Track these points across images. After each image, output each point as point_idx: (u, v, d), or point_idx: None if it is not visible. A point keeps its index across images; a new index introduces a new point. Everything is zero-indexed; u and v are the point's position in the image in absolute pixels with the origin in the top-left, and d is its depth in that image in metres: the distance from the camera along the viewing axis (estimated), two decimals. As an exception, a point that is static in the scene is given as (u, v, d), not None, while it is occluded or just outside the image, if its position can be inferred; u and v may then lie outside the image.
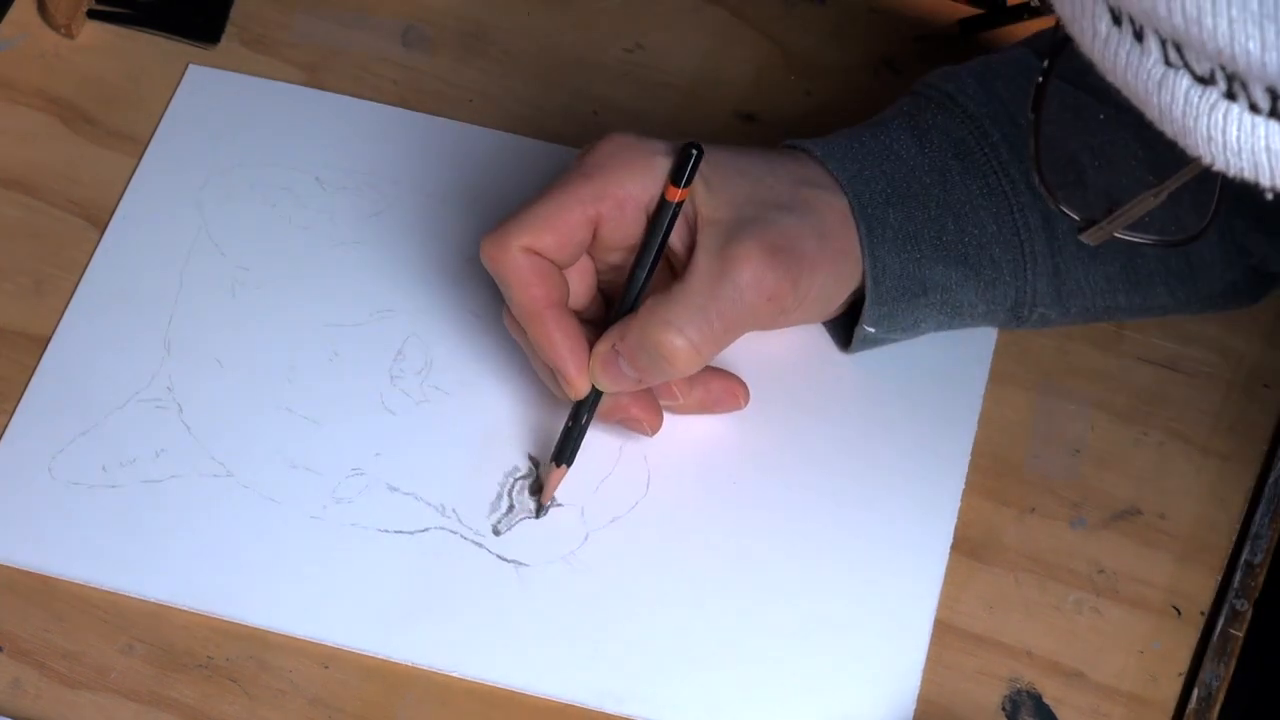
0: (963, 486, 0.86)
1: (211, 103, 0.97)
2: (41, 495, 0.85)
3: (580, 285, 0.84)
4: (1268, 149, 0.46)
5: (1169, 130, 0.48)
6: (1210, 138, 0.47)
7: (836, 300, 0.84)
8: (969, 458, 0.87)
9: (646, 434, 0.84)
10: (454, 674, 0.81)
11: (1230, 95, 0.46)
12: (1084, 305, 0.85)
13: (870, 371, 0.89)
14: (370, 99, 0.97)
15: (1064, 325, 0.88)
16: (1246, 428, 0.88)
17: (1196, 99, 0.46)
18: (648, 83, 0.98)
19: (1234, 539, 0.85)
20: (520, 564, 0.84)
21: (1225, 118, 0.46)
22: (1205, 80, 0.46)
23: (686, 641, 0.82)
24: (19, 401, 0.88)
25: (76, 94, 0.98)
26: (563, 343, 0.81)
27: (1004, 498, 0.86)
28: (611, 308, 0.83)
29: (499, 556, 0.84)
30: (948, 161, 0.83)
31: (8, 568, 0.84)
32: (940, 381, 0.88)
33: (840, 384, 0.88)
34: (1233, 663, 0.82)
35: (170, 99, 0.97)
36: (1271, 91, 0.45)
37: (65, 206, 0.94)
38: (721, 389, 0.86)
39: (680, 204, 0.80)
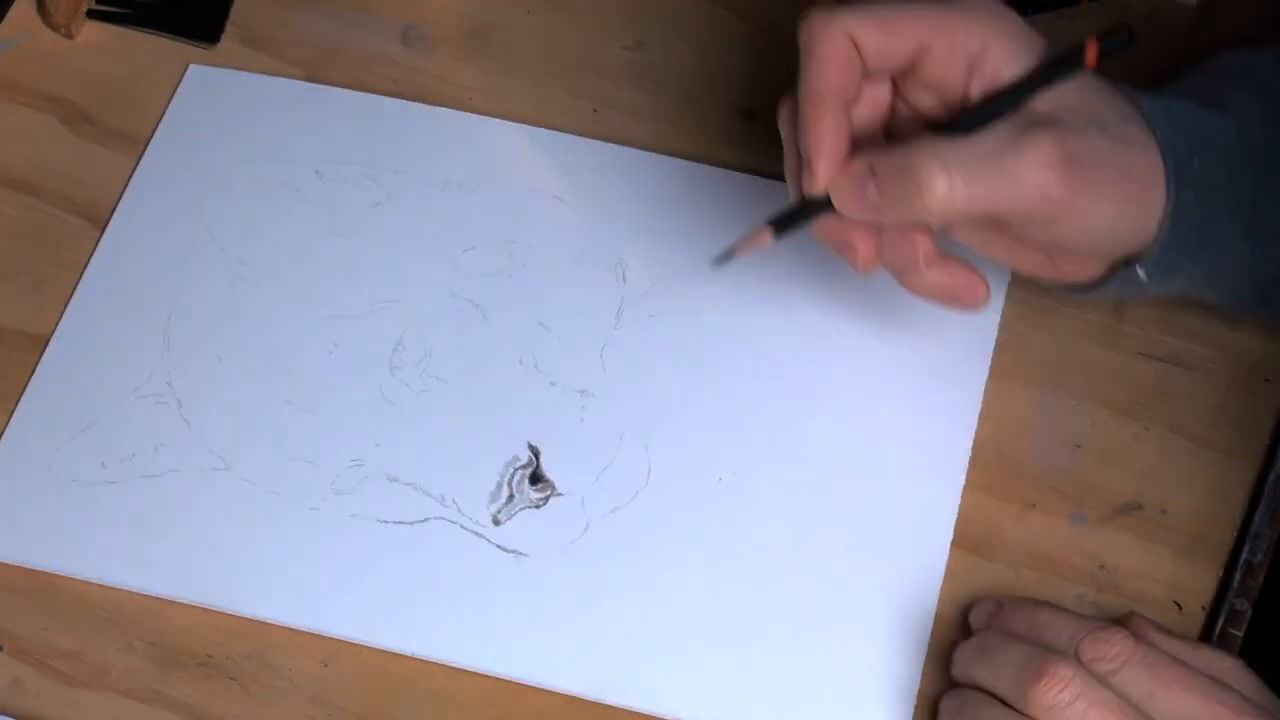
0: (963, 482, 0.86)
1: (211, 102, 0.97)
2: (42, 493, 0.85)
3: (868, 116, 0.81)
4: None
5: None
6: None
7: (1113, 244, 0.80)
8: (969, 453, 0.86)
9: (856, 269, 0.80)
10: (454, 665, 0.81)
11: None
12: None
13: (871, 367, 0.89)
14: (370, 98, 0.98)
15: None
16: (1247, 422, 0.87)
17: None
18: (648, 80, 0.98)
19: (1235, 534, 0.85)
20: (520, 554, 0.84)
21: None
22: None
23: (686, 634, 0.82)
24: (19, 400, 0.88)
25: (76, 94, 0.98)
26: (829, 133, 0.78)
27: (1005, 493, 0.86)
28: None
29: (499, 547, 0.84)
30: (1251, 124, 0.81)
31: (8, 566, 0.84)
32: (941, 377, 0.88)
33: (841, 379, 0.88)
34: (1233, 662, 0.82)
35: (170, 99, 0.97)
36: None
37: (65, 206, 0.94)
38: (965, 280, 0.81)
39: (1068, 70, 0.77)
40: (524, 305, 0.90)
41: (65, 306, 0.91)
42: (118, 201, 0.94)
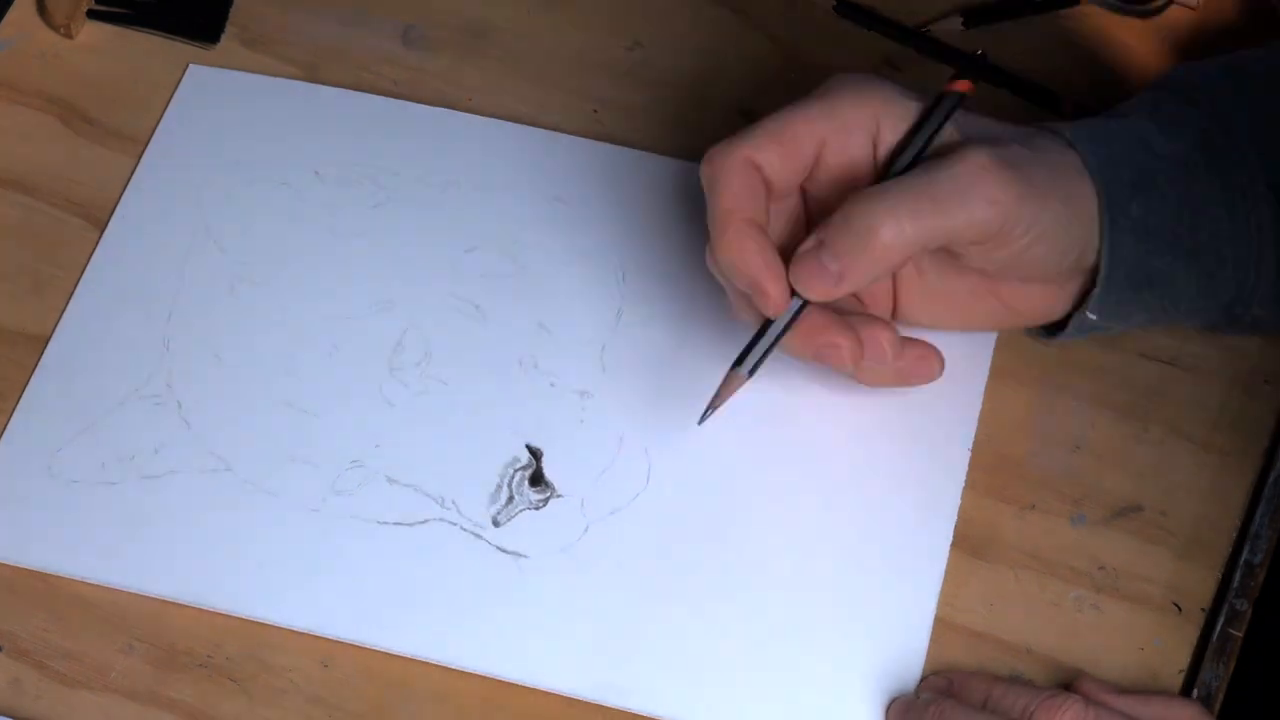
0: (963, 483, 0.86)
1: (211, 102, 0.97)
2: (41, 493, 0.85)
3: (783, 228, 0.83)
4: None
5: None
6: None
7: (1058, 261, 0.81)
8: (969, 455, 0.86)
9: (846, 364, 0.82)
10: (453, 666, 0.81)
11: None
12: None
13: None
14: (370, 98, 0.98)
15: (1270, 333, 0.86)
16: (1247, 424, 0.87)
17: None
18: (648, 81, 0.98)
19: (1234, 535, 0.85)
20: (520, 556, 0.84)
21: None
22: None
23: (686, 635, 0.82)
24: (19, 400, 0.88)
25: (76, 94, 0.98)
26: (756, 253, 0.79)
27: (1004, 495, 0.86)
28: None
29: (499, 548, 0.84)
30: (1192, 154, 0.81)
31: (8, 566, 0.84)
32: (941, 378, 0.88)
33: (840, 380, 0.87)
34: (1233, 663, 0.82)
35: (170, 99, 0.97)
36: None
37: (65, 206, 0.94)
38: (920, 354, 0.84)
39: (947, 107, 0.80)
40: (524, 306, 0.90)
41: (65, 307, 0.91)
42: (117, 202, 0.94)
